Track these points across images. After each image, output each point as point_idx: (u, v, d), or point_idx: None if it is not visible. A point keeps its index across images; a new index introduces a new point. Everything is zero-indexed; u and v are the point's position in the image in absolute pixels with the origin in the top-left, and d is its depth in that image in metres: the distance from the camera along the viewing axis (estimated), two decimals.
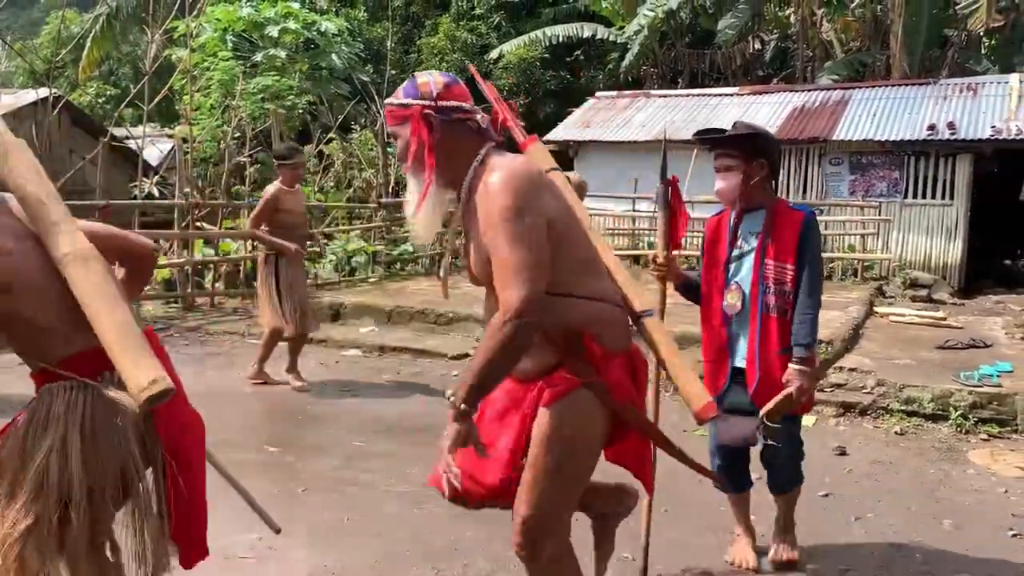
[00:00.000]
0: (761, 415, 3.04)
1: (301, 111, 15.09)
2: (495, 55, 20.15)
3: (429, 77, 2.27)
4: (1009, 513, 4.11)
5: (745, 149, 3.13)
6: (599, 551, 2.76)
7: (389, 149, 13.43)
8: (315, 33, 15.63)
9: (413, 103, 2.22)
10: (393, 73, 16.57)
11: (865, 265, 12.32)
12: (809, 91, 15.93)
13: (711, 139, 3.25)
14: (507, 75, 20.24)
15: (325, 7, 18.87)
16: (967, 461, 4.93)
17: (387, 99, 2.34)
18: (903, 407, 5.66)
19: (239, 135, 12.92)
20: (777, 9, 20.90)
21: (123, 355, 1.93)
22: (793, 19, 20.34)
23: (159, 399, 1.92)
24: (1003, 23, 17.63)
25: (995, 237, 15.05)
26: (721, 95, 16.46)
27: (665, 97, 17.05)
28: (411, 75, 2.35)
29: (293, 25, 14.98)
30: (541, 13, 21.88)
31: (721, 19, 19.63)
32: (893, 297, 11.04)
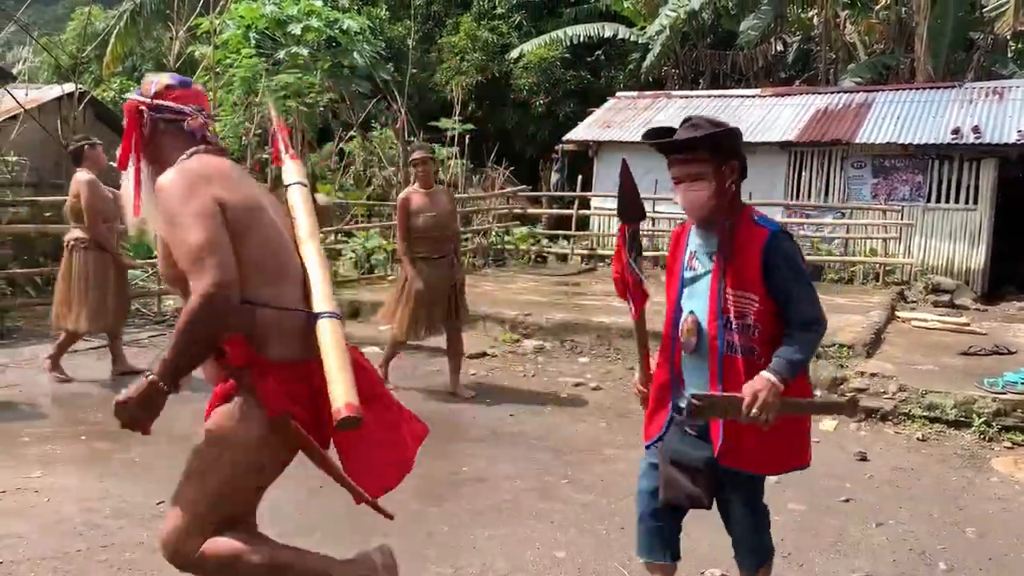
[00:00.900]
0: (692, 392, 2.47)
1: (322, 108, 15.16)
2: (516, 54, 20.12)
3: (155, 77, 2.36)
4: None
5: (716, 151, 2.50)
6: None
7: (409, 147, 13.48)
8: (337, 31, 15.65)
9: (132, 99, 2.33)
10: (414, 72, 16.57)
11: (887, 269, 12.20)
12: (832, 93, 15.77)
13: (679, 141, 2.53)
14: (527, 75, 20.20)
15: (347, 5, 18.90)
16: (990, 469, 4.88)
17: (405, 100, 2.35)
18: (925, 413, 5.62)
19: (261, 131, 13.00)
20: (800, 11, 20.72)
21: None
22: (816, 21, 20.18)
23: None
24: None
25: (1020, 242, 14.86)
26: (743, 96, 16.34)
27: (686, 98, 16.95)
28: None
29: (316, 23, 15.02)
30: (562, 13, 21.82)
31: (743, 20, 19.50)
32: (915, 302, 10.93)
